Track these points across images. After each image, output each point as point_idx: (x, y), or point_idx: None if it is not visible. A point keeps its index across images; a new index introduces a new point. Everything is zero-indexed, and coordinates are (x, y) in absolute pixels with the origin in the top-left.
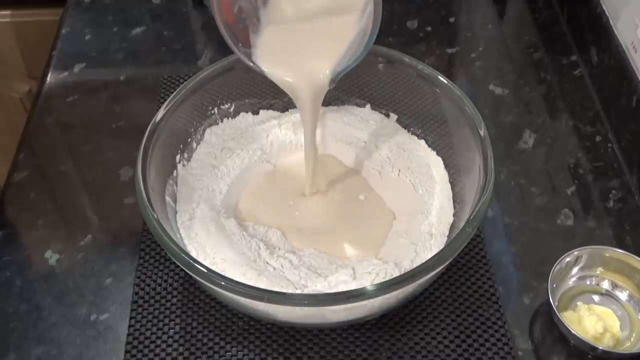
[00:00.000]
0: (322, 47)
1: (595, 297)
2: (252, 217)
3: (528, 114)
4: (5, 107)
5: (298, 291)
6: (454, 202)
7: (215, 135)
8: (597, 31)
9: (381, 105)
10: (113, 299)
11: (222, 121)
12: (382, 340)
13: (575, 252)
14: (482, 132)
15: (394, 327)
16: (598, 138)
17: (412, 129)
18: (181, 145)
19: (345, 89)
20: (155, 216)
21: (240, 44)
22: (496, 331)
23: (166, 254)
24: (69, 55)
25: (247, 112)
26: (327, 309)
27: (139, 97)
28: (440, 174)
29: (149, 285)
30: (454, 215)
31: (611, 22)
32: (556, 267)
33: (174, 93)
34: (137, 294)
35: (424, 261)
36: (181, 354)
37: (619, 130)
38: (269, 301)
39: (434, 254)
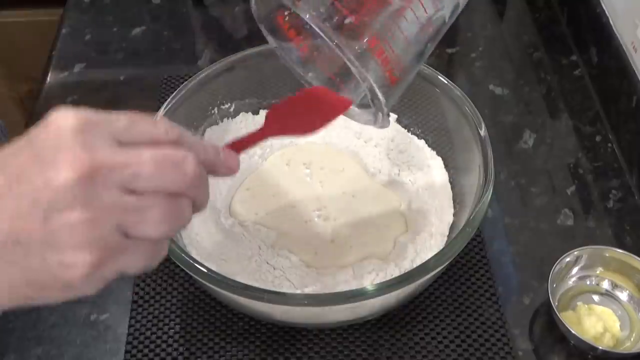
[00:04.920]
0: None
1: (595, 297)
2: (250, 216)
3: (528, 114)
4: (5, 107)
5: (298, 291)
6: (454, 202)
7: (215, 135)
8: (597, 31)
9: None
10: (113, 299)
11: (222, 121)
12: (382, 340)
13: (575, 252)
14: (482, 132)
15: (394, 327)
16: (598, 138)
17: (412, 129)
18: None
19: None
20: None
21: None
22: (496, 331)
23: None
24: (69, 55)
25: (247, 112)
26: (327, 309)
27: (139, 97)
28: (440, 174)
29: (149, 285)
30: (454, 215)
31: (611, 22)
32: (556, 267)
33: (174, 93)
34: (137, 294)
35: (424, 261)
36: (181, 354)
37: (619, 130)
38: (269, 301)
39: (434, 254)
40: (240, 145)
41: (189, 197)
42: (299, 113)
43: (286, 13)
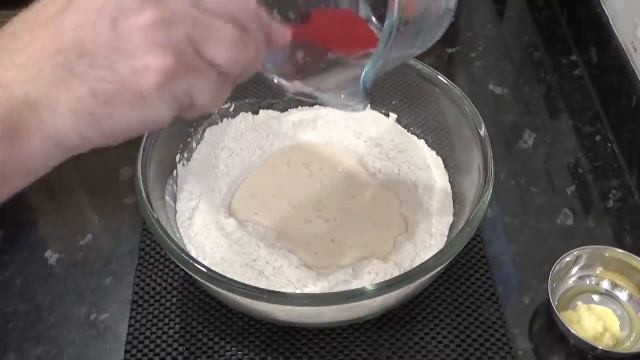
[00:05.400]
0: None
1: (595, 297)
2: (250, 216)
3: (528, 114)
4: None
5: (298, 291)
6: (454, 202)
7: (215, 135)
8: (597, 31)
9: (381, 105)
10: (113, 299)
11: (222, 121)
12: (382, 340)
13: (575, 252)
14: (482, 132)
15: (394, 327)
16: (598, 138)
17: (412, 129)
18: (181, 145)
19: None
20: (155, 216)
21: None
22: (496, 331)
23: (166, 254)
24: None
25: (247, 112)
26: (327, 309)
27: None
28: (440, 174)
29: (149, 285)
30: (454, 215)
31: (611, 22)
32: (556, 267)
33: None
34: (137, 293)
35: (424, 261)
36: (181, 353)
37: (619, 130)
38: (269, 301)
39: (434, 254)
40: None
41: (253, 34)
42: (337, 25)
43: None
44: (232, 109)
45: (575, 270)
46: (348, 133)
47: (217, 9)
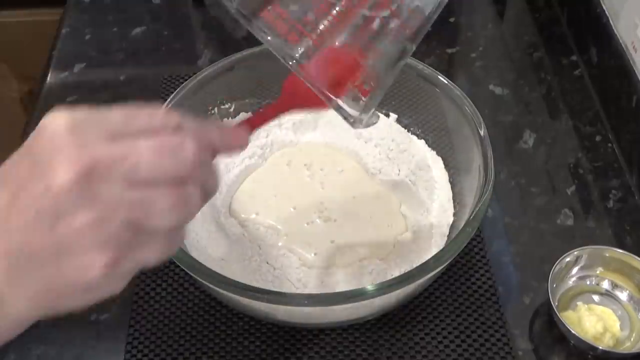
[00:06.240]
0: None
1: (595, 297)
2: (250, 216)
3: (528, 114)
4: (5, 107)
5: (298, 291)
6: (454, 202)
7: None
8: (597, 31)
9: (381, 105)
10: (113, 299)
11: (222, 121)
12: (382, 340)
13: (575, 252)
14: (482, 132)
15: (394, 327)
16: (598, 138)
17: (412, 129)
18: None
19: None
20: None
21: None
22: (496, 331)
23: None
24: (69, 55)
25: (247, 112)
26: (327, 309)
27: (139, 97)
28: (440, 174)
29: (149, 285)
30: (454, 215)
31: (611, 22)
32: (556, 267)
33: (174, 93)
34: (137, 294)
35: (424, 261)
36: (181, 354)
37: (619, 130)
38: (269, 301)
39: (434, 254)
40: (256, 121)
41: (194, 182)
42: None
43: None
44: (232, 109)
45: (575, 270)
46: (348, 133)
47: (151, 178)
